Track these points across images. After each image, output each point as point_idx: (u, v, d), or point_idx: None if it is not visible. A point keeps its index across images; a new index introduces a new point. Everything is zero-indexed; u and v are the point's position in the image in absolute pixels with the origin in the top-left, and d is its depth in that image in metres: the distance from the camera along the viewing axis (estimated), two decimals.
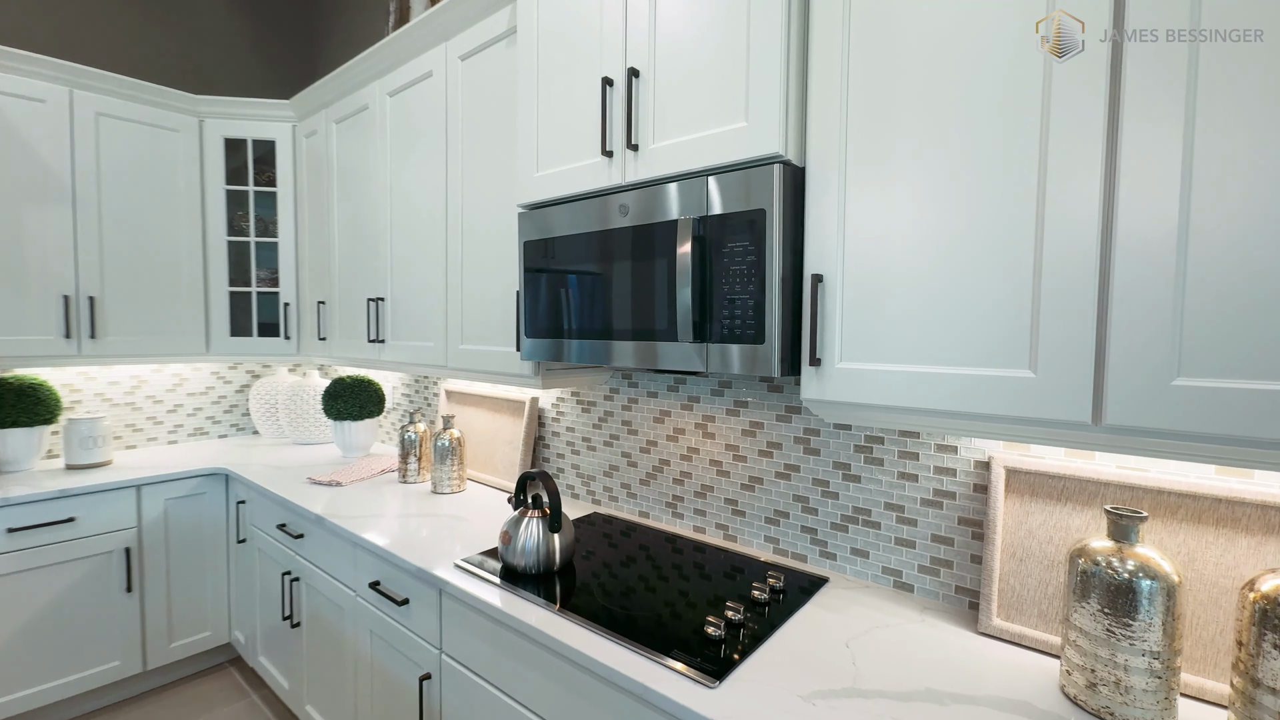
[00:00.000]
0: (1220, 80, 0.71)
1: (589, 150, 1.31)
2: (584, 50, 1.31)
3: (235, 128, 2.52)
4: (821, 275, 1.03)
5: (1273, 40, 0.68)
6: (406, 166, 1.96)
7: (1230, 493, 0.92)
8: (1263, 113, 0.68)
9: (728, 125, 1.08)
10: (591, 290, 1.31)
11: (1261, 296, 0.69)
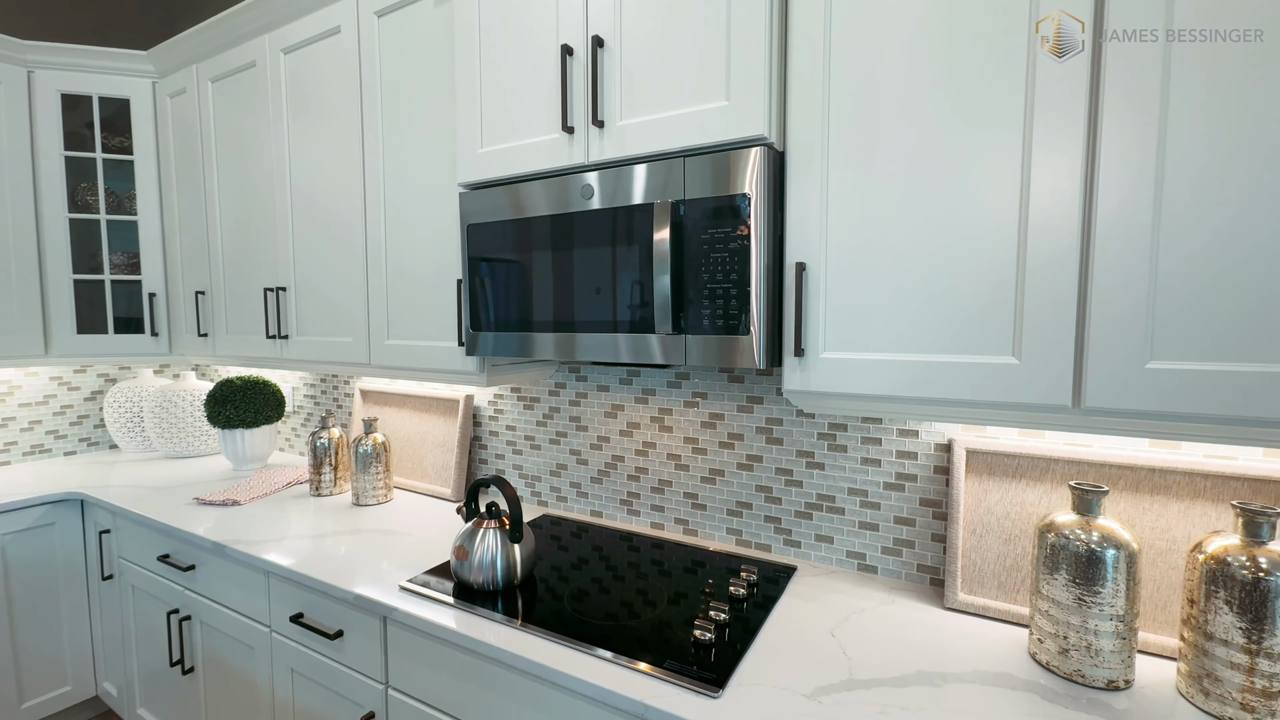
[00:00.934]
0: (1189, 83, 0.75)
1: (546, 125, 1.19)
2: (537, 13, 1.19)
3: (76, 81, 2.08)
4: (805, 263, 1.01)
5: (1235, 47, 0.73)
6: (310, 135, 1.72)
7: (1163, 463, 1.01)
8: (1224, 114, 0.74)
9: (707, 104, 1.02)
10: (549, 278, 1.20)
11: (1223, 284, 0.74)
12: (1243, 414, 0.74)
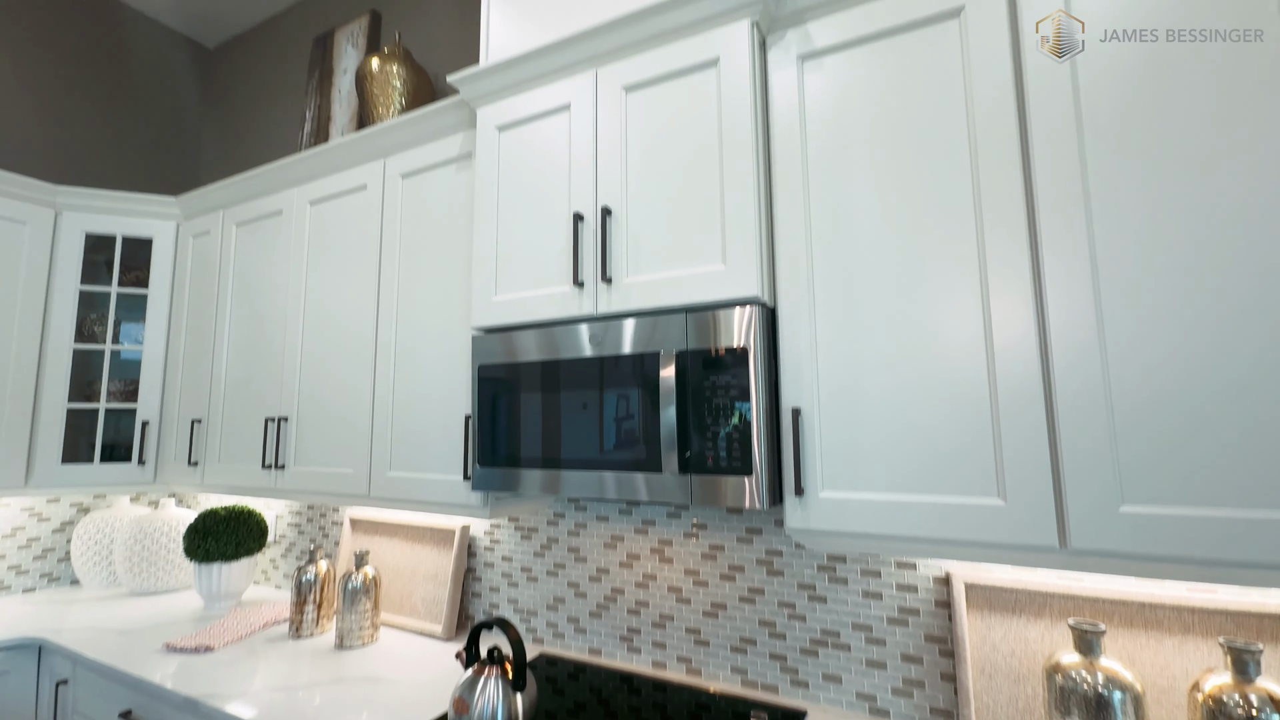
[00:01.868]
0: (1115, 247, 0.90)
1: (558, 279, 1.32)
2: (552, 184, 1.36)
3: (102, 222, 2.22)
4: (800, 408, 1.09)
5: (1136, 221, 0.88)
6: (327, 277, 1.84)
7: (1150, 598, 1.06)
8: (1154, 259, 0.87)
9: (705, 267, 1.15)
10: (558, 419, 1.27)
11: (1180, 431, 0.84)
12: (1216, 556, 0.80)
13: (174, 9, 2.76)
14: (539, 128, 1.39)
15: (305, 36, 2.61)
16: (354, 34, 2.38)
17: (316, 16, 2.59)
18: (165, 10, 2.77)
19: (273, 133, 2.66)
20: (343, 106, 2.34)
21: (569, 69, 1.36)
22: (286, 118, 2.62)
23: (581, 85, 1.34)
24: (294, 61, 2.64)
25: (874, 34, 1.11)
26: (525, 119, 1.41)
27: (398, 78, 1.98)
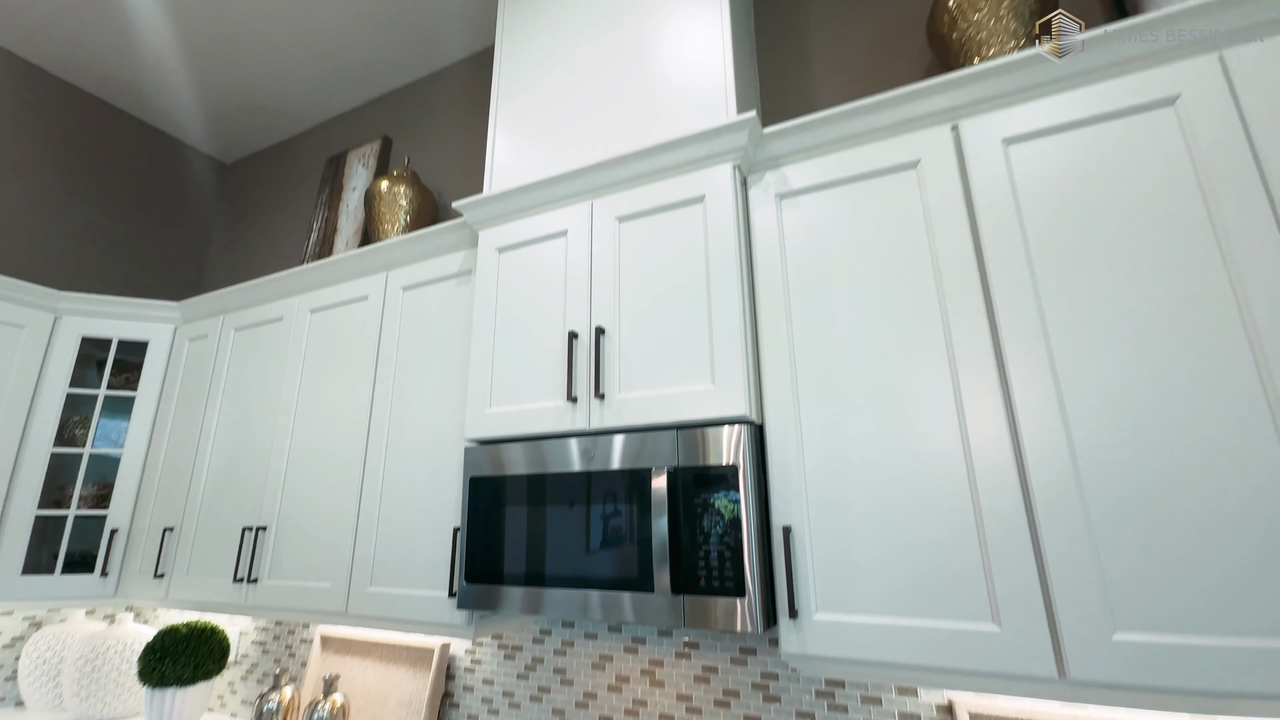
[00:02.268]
0: (1074, 366, 0.96)
1: (551, 393, 1.36)
2: (548, 303, 1.43)
3: (100, 326, 2.25)
4: (790, 526, 1.10)
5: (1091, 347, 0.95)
6: (321, 384, 1.86)
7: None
8: (1111, 375, 0.93)
9: (695, 385, 1.20)
10: (549, 535, 1.26)
11: (1159, 552, 0.86)
12: (1215, 688, 0.80)
13: (197, 129, 2.97)
14: (537, 251, 1.49)
15: (320, 156, 2.81)
16: (366, 156, 2.57)
17: (332, 139, 2.80)
18: (188, 130, 2.98)
19: (279, 243, 2.78)
20: (349, 220, 2.48)
21: (567, 199, 1.48)
22: (293, 229, 2.76)
23: (578, 214, 1.45)
24: (306, 178, 2.82)
25: (843, 179, 1.24)
26: (524, 242, 1.51)
27: (404, 197, 2.12)
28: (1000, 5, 1.25)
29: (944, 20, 1.33)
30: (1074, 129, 1.07)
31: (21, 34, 2.40)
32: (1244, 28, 0.98)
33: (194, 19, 2.30)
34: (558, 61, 1.66)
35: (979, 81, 1.14)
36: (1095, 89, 1.06)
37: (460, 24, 2.31)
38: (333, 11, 2.25)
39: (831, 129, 1.25)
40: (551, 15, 1.72)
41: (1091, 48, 1.06)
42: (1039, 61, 1.09)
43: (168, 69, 2.57)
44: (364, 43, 2.40)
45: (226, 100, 2.75)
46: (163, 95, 2.72)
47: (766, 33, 1.83)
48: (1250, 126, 0.95)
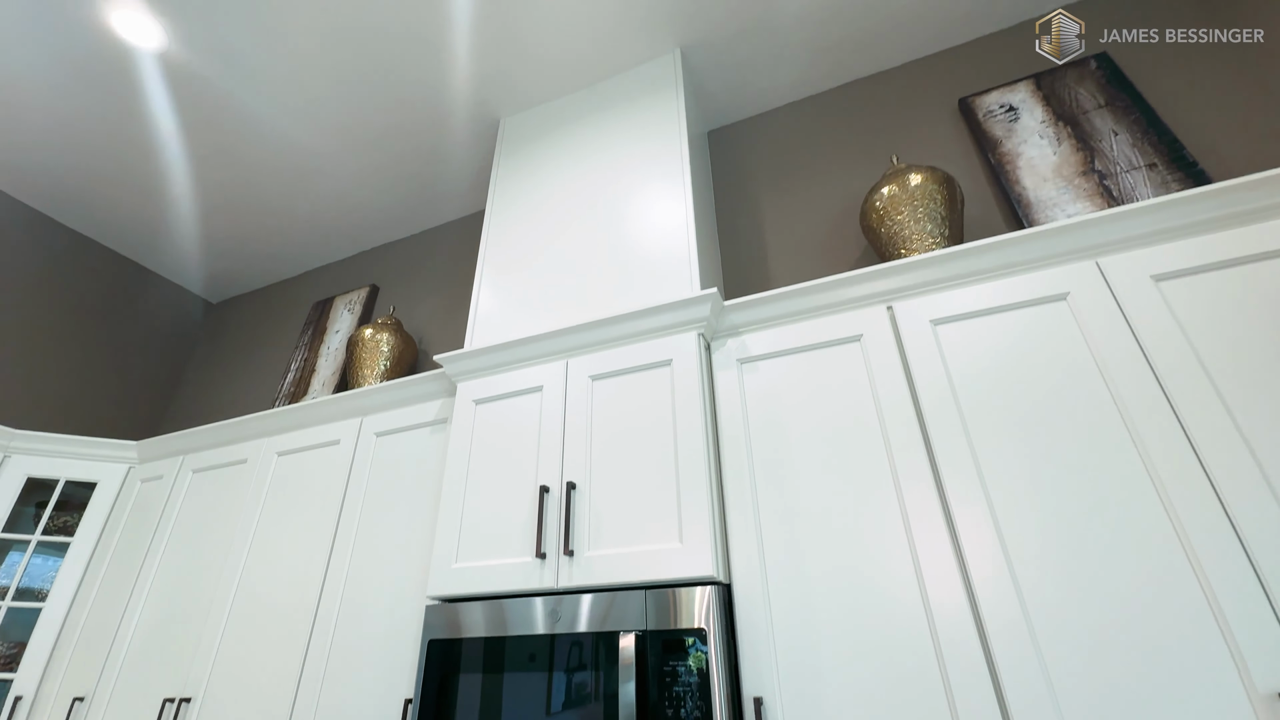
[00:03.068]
0: (1012, 515, 1.02)
1: (520, 549, 1.35)
2: (521, 456, 1.47)
3: (49, 466, 2.17)
4: (761, 698, 1.07)
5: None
6: (278, 533, 1.80)
7: None
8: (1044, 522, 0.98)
9: (664, 544, 1.22)
10: (510, 703, 1.19)
11: (1103, 680, 0.87)
12: None
13: (189, 271, 3.10)
14: (513, 404, 1.56)
15: (307, 300, 2.94)
16: (352, 302, 2.70)
17: (322, 284, 2.95)
18: (179, 271, 3.10)
19: (256, 383, 2.80)
20: (328, 361, 2.55)
21: (544, 357, 1.58)
22: (270, 368, 2.80)
23: (554, 371, 1.55)
24: (291, 319, 2.92)
25: (797, 348, 1.38)
26: (501, 396, 1.59)
27: (386, 344, 2.21)
28: (917, 210, 1.49)
29: (873, 217, 1.58)
30: (990, 314, 1.24)
31: (11, 172, 2.45)
32: (1109, 242, 1.20)
33: (213, 185, 2.52)
34: (541, 227, 1.86)
35: (904, 273, 1.33)
36: (1002, 283, 1.25)
37: (456, 189, 2.57)
38: (343, 178, 2.49)
39: (784, 304, 1.42)
40: (537, 188, 1.95)
41: (992, 250, 1.27)
42: (951, 260, 1.29)
43: (173, 221, 2.74)
44: (366, 203, 2.64)
45: (226, 248, 2.92)
46: (158, 239, 2.85)
47: (726, 215, 2.10)
48: (1130, 317, 1.12)
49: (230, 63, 2.01)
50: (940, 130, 1.89)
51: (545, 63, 2.03)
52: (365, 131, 2.27)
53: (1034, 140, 1.65)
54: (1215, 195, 1.14)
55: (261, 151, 2.35)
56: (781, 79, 2.12)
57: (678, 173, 1.72)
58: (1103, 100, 1.64)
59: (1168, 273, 1.14)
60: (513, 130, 2.17)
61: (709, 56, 2.02)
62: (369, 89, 2.11)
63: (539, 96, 2.14)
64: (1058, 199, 1.54)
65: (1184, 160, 1.49)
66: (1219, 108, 1.56)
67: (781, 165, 2.10)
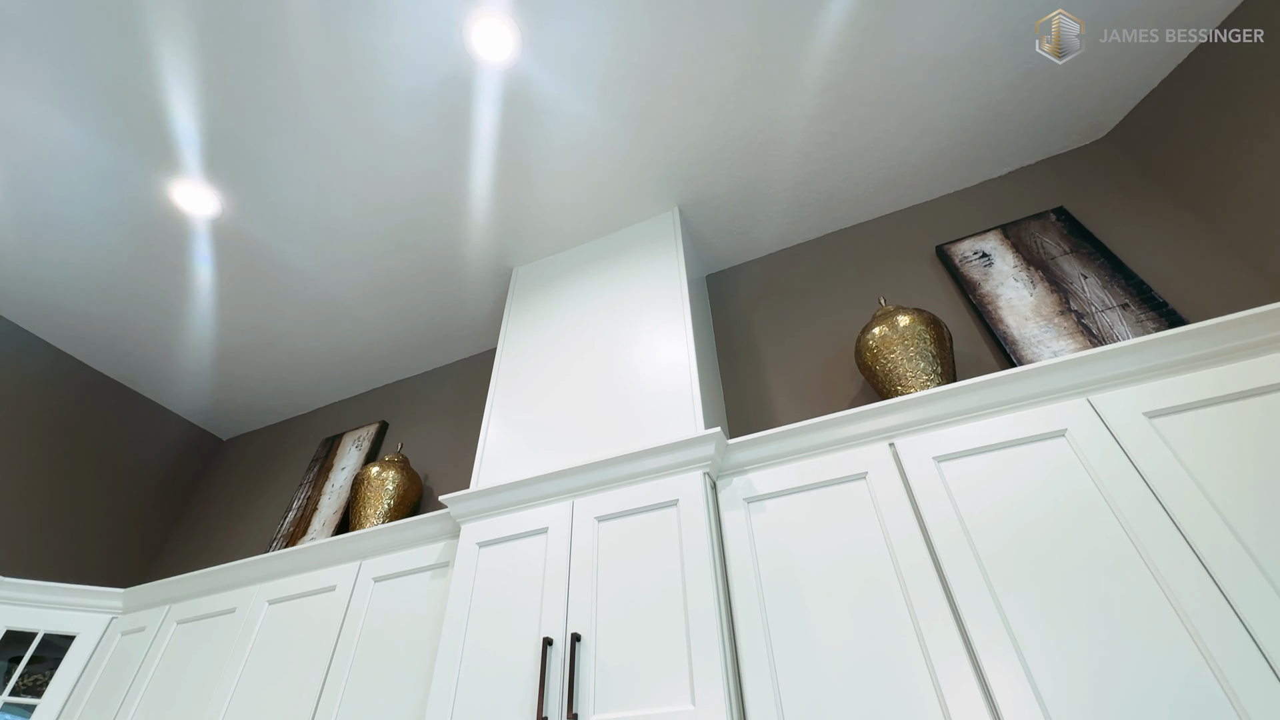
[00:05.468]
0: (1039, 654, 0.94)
1: (521, 711, 1.25)
2: (524, 604, 1.41)
3: (29, 617, 2.06)
4: None
5: None
6: (261, 689, 1.67)
7: None
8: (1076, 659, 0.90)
9: (675, 706, 1.13)
10: None
11: None
12: None
13: (201, 408, 3.17)
14: (517, 546, 1.53)
15: (316, 436, 2.97)
16: (361, 439, 2.73)
17: (332, 420, 3.00)
18: (190, 408, 3.17)
19: (255, 521, 2.75)
20: (331, 499, 2.52)
21: (550, 497, 1.57)
22: (275, 505, 2.77)
23: (559, 512, 1.53)
24: (299, 455, 2.94)
25: (803, 486, 1.38)
26: (505, 538, 1.56)
27: (391, 482, 2.20)
28: (909, 349, 1.56)
29: (868, 356, 1.65)
30: (992, 451, 1.26)
31: (39, 313, 2.59)
32: (1099, 380, 1.25)
33: (239, 327, 2.67)
34: (548, 370, 1.93)
35: (903, 410, 1.36)
36: (1001, 419, 1.28)
37: (470, 330, 2.71)
38: (365, 319, 2.64)
39: (787, 442, 1.44)
40: (546, 330, 2.06)
41: (987, 388, 1.31)
42: (947, 397, 1.33)
43: (191, 360, 2.86)
44: (382, 343, 2.77)
45: (240, 386, 3.01)
46: (171, 377, 2.91)
47: (727, 355, 2.19)
48: (1128, 452, 1.14)
49: (273, 223, 2.22)
50: (922, 273, 2.03)
51: (555, 223, 2.25)
52: (391, 280, 2.45)
53: (1009, 283, 1.77)
54: (1193, 336, 1.21)
55: (294, 297, 2.52)
56: (772, 230, 2.32)
57: (678, 315, 1.83)
58: (1067, 248, 1.78)
59: (1159, 410, 1.17)
60: (523, 278, 2.34)
61: (705, 212, 2.24)
62: (396, 244, 2.31)
63: (548, 249, 2.34)
64: (1041, 337, 1.62)
65: (1154, 300, 1.58)
66: (1174, 251, 1.69)
67: (777, 306, 2.23)
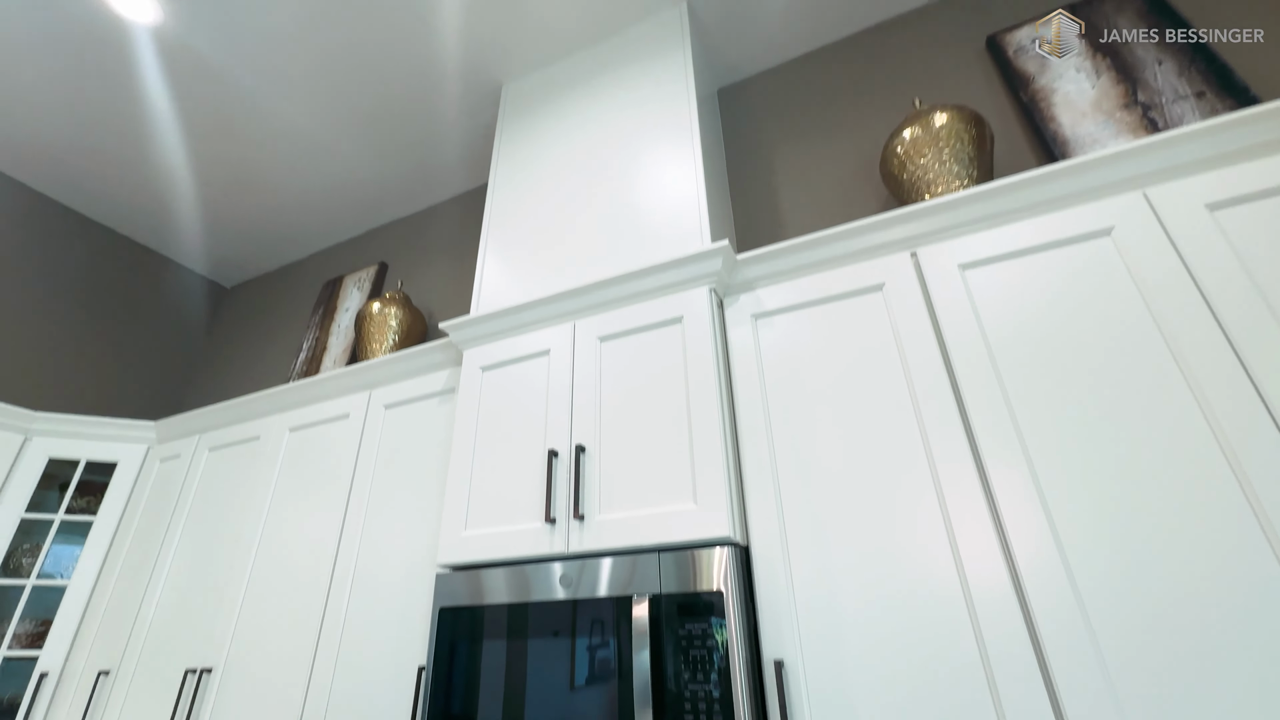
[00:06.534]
0: (1053, 468, 0.94)
1: (530, 514, 1.31)
2: (529, 421, 1.43)
3: (70, 447, 2.19)
4: (783, 660, 1.02)
5: None
6: (291, 507, 1.79)
7: None
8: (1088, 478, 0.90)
9: (677, 505, 1.17)
10: (523, 669, 1.15)
11: (1168, 656, 0.80)
12: None
13: (202, 256, 3.11)
14: (520, 369, 1.51)
15: (318, 280, 2.92)
16: (361, 280, 2.68)
17: (331, 264, 2.93)
18: (190, 254, 3.11)
19: (269, 363, 2.80)
20: (339, 339, 2.53)
21: (550, 320, 1.53)
22: (285, 348, 2.80)
23: (561, 334, 1.49)
24: (303, 300, 2.91)
25: (814, 300, 1.30)
26: (507, 361, 1.54)
27: (394, 318, 2.18)
28: (943, 152, 1.39)
29: (894, 163, 1.48)
30: (1024, 255, 1.15)
31: (16, 157, 2.46)
32: (1158, 171, 1.10)
33: (212, 161, 2.50)
34: (546, 193, 1.79)
35: (929, 215, 1.24)
36: (1039, 221, 1.16)
37: (460, 161, 2.51)
38: (344, 155, 2.45)
39: (800, 255, 1.34)
40: (541, 153, 1.89)
41: (1028, 186, 1.17)
42: (984, 198, 1.20)
43: (179, 206, 2.74)
44: (369, 180, 2.60)
45: (234, 231, 2.91)
46: (167, 223, 2.85)
47: (738, 173, 2.01)
48: (1182, 252, 1.03)
49: (217, 35, 1.96)
50: (965, 72, 1.77)
51: (545, 20, 1.95)
52: (361, 102, 2.22)
53: (1070, 75, 1.53)
54: (1271, 116, 1.03)
55: (259, 130, 2.32)
56: (793, 28, 2.01)
57: (686, 130, 1.64)
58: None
59: (1223, 200, 1.04)
60: (514, 96, 2.10)
61: (718, 7, 1.92)
62: (360, 62, 2.05)
63: (540, 59, 2.07)
64: (1098, 135, 1.43)
65: (1235, 86, 1.36)
66: (1269, 30, 1.42)
67: (796, 119, 2.00)
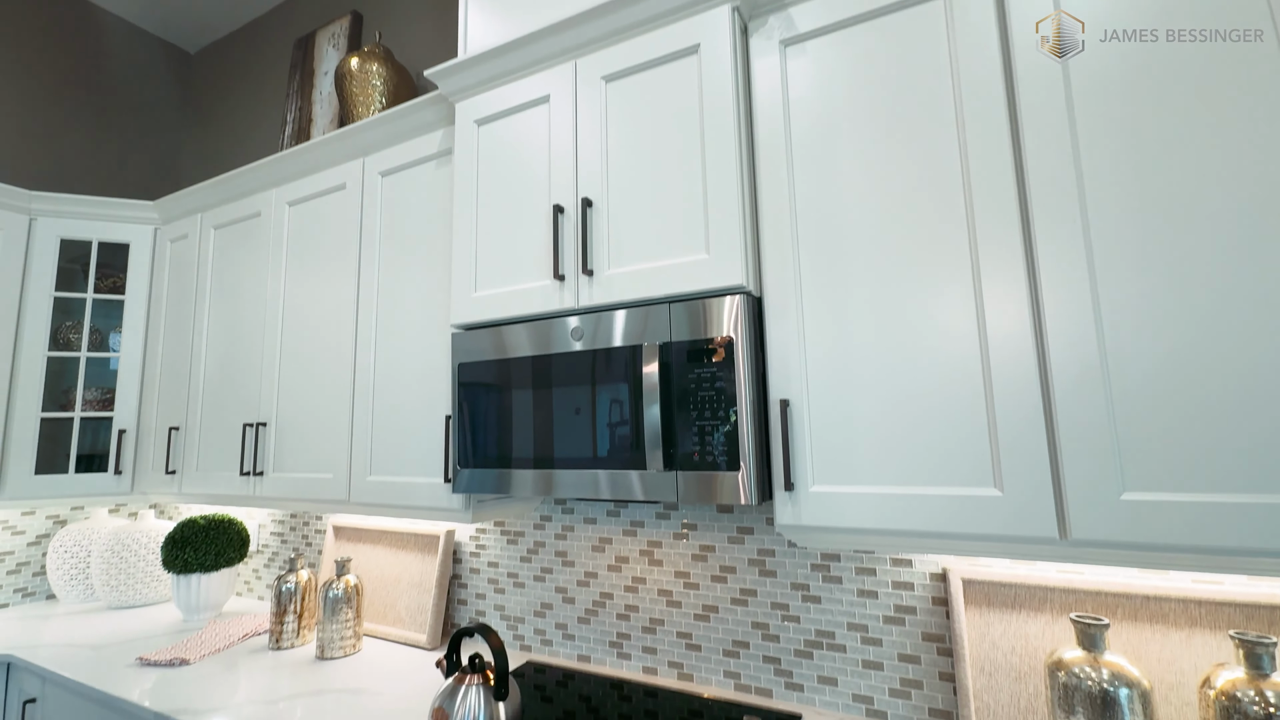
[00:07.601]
0: (1112, 239, 0.87)
1: (538, 272, 1.28)
2: (531, 176, 1.33)
3: (78, 228, 2.17)
4: (788, 400, 1.06)
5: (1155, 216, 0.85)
6: (305, 278, 1.79)
7: (1154, 590, 1.02)
8: (1149, 246, 0.84)
9: (689, 256, 1.12)
10: (541, 416, 1.23)
11: (1176, 412, 0.81)
12: (1220, 544, 0.77)
13: (150, 13, 2.73)
14: (518, 120, 1.36)
15: (287, 39, 2.58)
16: (335, 35, 2.35)
17: (297, 19, 2.56)
18: (143, 15, 2.74)
19: (255, 136, 2.62)
20: (324, 108, 2.31)
21: (547, 60, 1.33)
22: (268, 121, 2.58)
23: (560, 76, 1.31)
24: (275, 65, 2.61)
25: (858, 16, 1.08)
26: (504, 112, 1.38)
27: (378, 76, 1.94)
28: None
29: None
30: None
31: None
32: None
33: None
34: None
35: None
36: None
37: None
38: None
39: None
40: None
41: None
42: None
43: None
44: None
45: None
46: None
47: None
48: None
49: None
50: None
51: None
52: None
53: None
54: None
55: None
56: None
57: None
58: None
59: None
60: None
61: None
62: None
63: None
64: None
65: None
66: None
67: None
